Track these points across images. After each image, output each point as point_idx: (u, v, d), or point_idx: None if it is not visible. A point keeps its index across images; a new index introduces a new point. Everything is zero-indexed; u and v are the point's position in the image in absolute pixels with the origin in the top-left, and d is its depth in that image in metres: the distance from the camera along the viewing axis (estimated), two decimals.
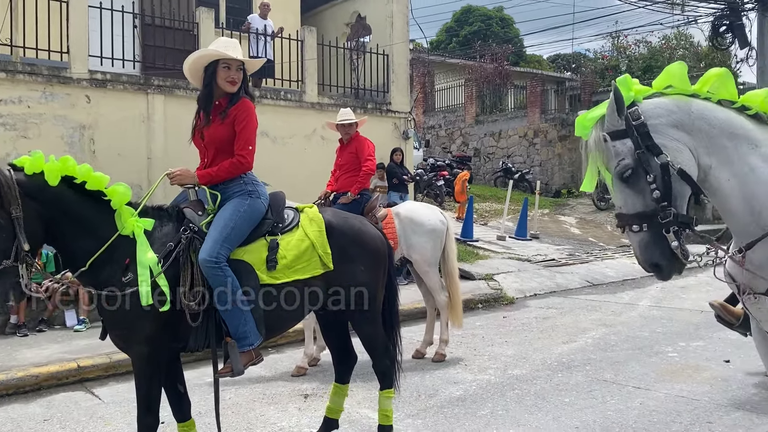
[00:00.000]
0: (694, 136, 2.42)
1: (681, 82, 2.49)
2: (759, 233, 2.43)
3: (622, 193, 2.41)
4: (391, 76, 11.43)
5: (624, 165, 2.37)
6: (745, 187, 2.44)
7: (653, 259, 2.37)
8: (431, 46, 42.00)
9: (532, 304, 8.75)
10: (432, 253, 5.81)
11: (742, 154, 2.44)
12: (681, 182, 2.37)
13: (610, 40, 23.51)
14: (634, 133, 2.37)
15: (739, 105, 2.52)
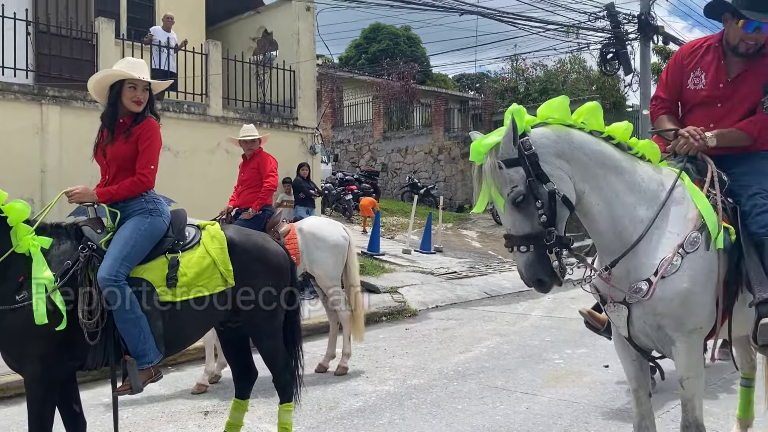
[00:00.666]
0: (573, 165, 2.69)
1: (561, 114, 2.75)
2: (621, 250, 2.75)
3: (513, 217, 2.62)
4: (298, 91, 11.55)
5: (517, 192, 2.57)
6: (611, 210, 2.75)
7: (537, 276, 2.60)
8: (340, 62, 42.46)
9: (434, 315, 9.06)
10: (334, 268, 5.96)
11: (610, 182, 2.75)
12: (563, 207, 2.63)
13: (510, 63, 24.59)
14: (526, 162, 2.57)
15: (606, 135, 2.83)
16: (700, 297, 2.72)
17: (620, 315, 2.85)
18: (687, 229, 2.74)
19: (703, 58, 3.20)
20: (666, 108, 3.33)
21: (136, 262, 3.39)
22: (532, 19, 16.05)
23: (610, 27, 15.27)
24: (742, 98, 3.09)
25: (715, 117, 3.13)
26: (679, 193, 2.83)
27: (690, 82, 3.22)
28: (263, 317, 3.77)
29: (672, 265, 2.68)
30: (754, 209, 2.89)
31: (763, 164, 3.09)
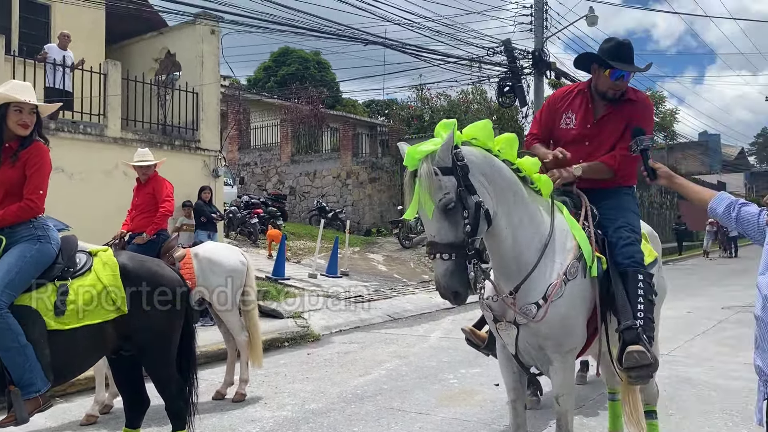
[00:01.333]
0: (492, 186, 2.89)
1: (485, 137, 2.95)
2: (517, 274, 2.98)
3: (440, 224, 2.72)
4: (201, 114, 11.43)
5: (448, 198, 2.68)
6: (516, 236, 2.98)
7: (455, 287, 2.71)
8: (249, 84, 42.12)
9: (337, 339, 9.14)
10: (231, 294, 5.94)
11: (518, 210, 2.99)
12: (484, 221, 2.79)
13: (416, 92, 25.33)
14: (458, 172, 2.70)
15: (516, 167, 3.08)
16: (577, 320, 3.02)
17: (510, 333, 3.08)
18: (568, 258, 3.03)
19: (573, 101, 3.59)
20: (539, 140, 3.70)
21: (21, 290, 3.31)
22: (435, 52, 16.67)
23: (506, 62, 16.10)
24: (607, 137, 3.48)
25: (584, 153, 3.51)
26: (561, 225, 3.13)
27: (562, 122, 3.59)
28: (157, 345, 3.74)
29: (558, 291, 2.94)
30: (620, 241, 3.25)
31: (627, 200, 3.50)
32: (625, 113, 3.45)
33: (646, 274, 3.21)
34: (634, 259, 3.21)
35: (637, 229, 3.39)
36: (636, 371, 3.02)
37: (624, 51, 3.41)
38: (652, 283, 3.23)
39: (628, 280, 3.15)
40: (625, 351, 3.02)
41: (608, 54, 3.40)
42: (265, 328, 9.24)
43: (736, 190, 43.65)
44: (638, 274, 3.17)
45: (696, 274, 18.77)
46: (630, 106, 3.48)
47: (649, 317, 3.13)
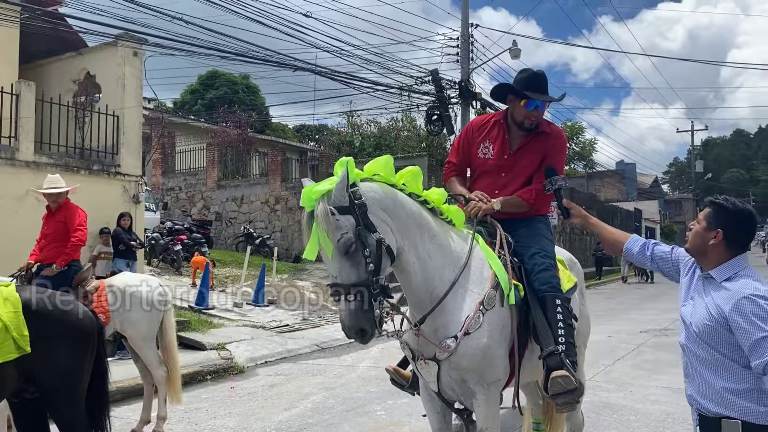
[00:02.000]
0: (395, 221, 2.85)
1: (386, 173, 2.93)
2: (430, 306, 2.94)
3: (341, 264, 2.67)
4: (121, 137, 11.01)
5: (347, 238, 2.64)
6: (425, 269, 2.95)
7: (360, 325, 2.66)
8: (175, 107, 41.18)
9: (262, 372, 8.87)
10: (148, 327, 5.66)
11: (425, 242, 2.96)
12: (387, 258, 2.76)
13: (346, 118, 25.43)
14: (356, 211, 2.67)
15: (423, 199, 3.06)
16: (498, 351, 2.99)
17: (430, 371, 3.03)
18: (485, 288, 3.02)
19: (491, 131, 3.61)
20: (456, 171, 3.70)
21: None
22: (365, 80, 16.79)
23: (434, 91, 16.41)
24: (522, 169, 3.53)
25: (499, 184, 3.54)
26: (476, 254, 3.12)
27: (480, 152, 3.61)
28: (64, 387, 3.49)
29: (474, 322, 2.91)
30: (536, 267, 3.27)
31: (540, 227, 3.54)
32: (540, 145, 3.52)
33: (563, 298, 3.23)
34: (551, 285, 3.22)
35: (551, 255, 3.42)
36: (562, 397, 3.02)
37: (538, 81, 3.47)
38: (570, 308, 3.26)
39: (547, 306, 3.17)
40: (549, 377, 3.03)
41: (523, 84, 3.46)
42: (186, 360, 8.88)
43: (651, 217, 45.88)
44: (556, 299, 3.19)
45: (615, 298, 19.46)
46: (544, 139, 3.54)
47: (570, 342, 3.15)
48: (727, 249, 2.47)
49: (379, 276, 2.71)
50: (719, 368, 2.39)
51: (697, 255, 2.56)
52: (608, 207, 37.50)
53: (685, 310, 2.58)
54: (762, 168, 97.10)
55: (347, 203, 2.68)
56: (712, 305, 2.42)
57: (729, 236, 2.46)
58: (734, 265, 2.46)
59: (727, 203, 2.51)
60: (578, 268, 4.08)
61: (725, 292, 2.39)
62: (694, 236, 2.55)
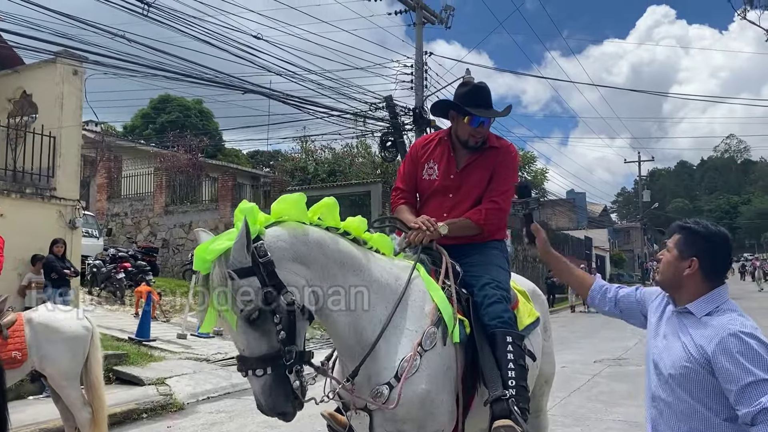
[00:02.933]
0: (311, 267, 2.49)
1: (297, 212, 2.55)
2: (362, 354, 2.59)
3: (246, 336, 2.30)
4: (57, 159, 10.43)
5: (252, 307, 2.25)
6: (351, 311, 2.59)
7: (278, 407, 2.30)
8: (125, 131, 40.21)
9: (203, 408, 8.34)
10: (71, 365, 5.16)
11: (350, 280, 2.60)
12: (303, 319, 2.39)
13: (300, 143, 25.12)
14: (261, 271, 2.28)
15: (342, 231, 2.71)
16: (440, 396, 2.64)
17: (362, 423, 2.68)
18: (425, 325, 2.67)
19: (434, 150, 3.31)
20: (405, 198, 3.37)
21: None
22: (319, 104, 16.55)
23: (389, 117, 16.27)
24: (471, 188, 3.20)
25: (447, 206, 3.22)
26: (416, 286, 2.79)
27: (425, 173, 3.30)
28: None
29: (412, 366, 2.57)
30: (486, 300, 2.91)
31: (493, 255, 3.19)
32: (489, 161, 3.21)
33: (516, 336, 2.86)
34: (502, 320, 2.85)
35: (505, 285, 3.08)
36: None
37: (481, 96, 3.16)
38: (523, 347, 2.92)
39: (496, 344, 2.81)
40: (492, 427, 2.65)
41: (465, 100, 3.16)
42: (121, 397, 8.30)
43: (601, 245, 46.70)
44: (507, 336, 2.81)
45: (567, 326, 19.45)
46: (494, 154, 3.24)
47: (521, 386, 2.78)
48: (705, 279, 2.20)
49: (294, 343, 2.34)
50: (696, 421, 2.10)
51: (670, 288, 2.29)
52: (560, 235, 37.94)
53: (654, 351, 2.29)
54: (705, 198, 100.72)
55: (250, 263, 2.28)
56: (691, 344, 2.14)
57: (705, 264, 2.19)
58: (715, 297, 2.19)
59: (699, 227, 2.24)
60: (542, 300, 3.78)
61: (707, 328, 2.12)
62: (665, 267, 2.28)
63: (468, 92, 3.18)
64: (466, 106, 3.13)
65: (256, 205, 2.44)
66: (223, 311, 2.29)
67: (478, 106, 3.12)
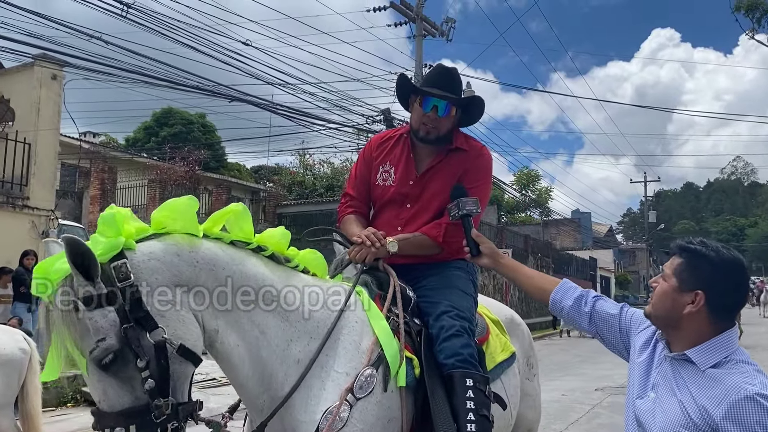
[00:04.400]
0: (200, 295, 1.94)
1: (187, 221, 1.99)
2: (271, 406, 2.04)
3: (102, 384, 1.77)
4: (32, 167, 9.99)
5: (104, 347, 1.74)
6: (255, 352, 2.03)
7: None
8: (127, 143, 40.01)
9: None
10: (4, 391, 4.60)
11: (254, 313, 2.04)
12: (183, 362, 1.84)
13: (298, 157, 24.74)
14: (121, 300, 1.77)
15: (255, 246, 2.15)
16: None
17: None
18: (359, 365, 2.12)
19: (392, 150, 2.73)
20: (354, 207, 2.79)
21: None
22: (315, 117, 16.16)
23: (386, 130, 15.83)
24: (431, 197, 2.62)
25: (404, 218, 2.65)
26: (352, 316, 2.23)
27: (379, 177, 2.72)
28: None
29: (337, 420, 2.02)
30: (442, 332, 2.33)
31: (455, 276, 2.60)
32: (455, 166, 2.64)
33: (478, 378, 2.28)
34: (460, 357, 2.27)
35: (467, 314, 2.47)
36: None
37: (445, 77, 2.60)
38: (488, 391, 2.32)
39: (454, 388, 2.22)
40: None
41: (425, 80, 2.64)
42: (87, 420, 7.74)
43: (606, 266, 45.97)
44: (467, 378, 2.24)
45: (570, 350, 18.80)
46: (462, 157, 2.66)
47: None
48: (711, 319, 1.67)
49: (167, 395, 1.79)
50: None
51: (664, 327, 1.76)
52: (564, 255, 37.28)
53: (642, 407, 1.75)
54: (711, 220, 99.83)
55: (104, 289, 1.75)
56: (691, 405, 1.61)
57: (713, 300, 1.66)
58: (724, 343, 1.66)
59: (707, 250, 1.70)
60: (523, 330, 3.15)
61: (714, 386, 1.59)
62: (660, 299, 1.74)
63: (431, 74, 2.66)
64: (426, 85, 2.58)
65: (128, 210, 1.90)
66: (70, 349, 1.76)
67: (438, 86, 2.56)
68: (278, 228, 2.25)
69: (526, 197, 41.31)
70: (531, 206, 41.83)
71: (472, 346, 2.35)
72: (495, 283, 25.55)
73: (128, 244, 1.84)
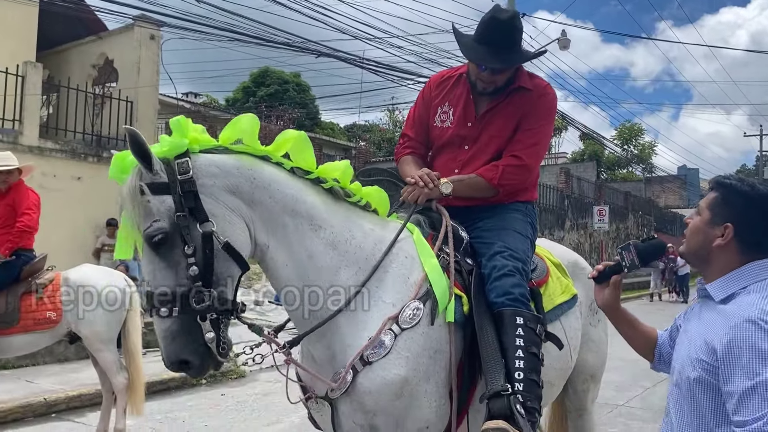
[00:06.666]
0: (254, 208, 2.05)
1: (251, 140, 2.10)
2: (312, 323, 2.12)
3: (152, 265, 1.94)
4: (134, 124, 10.55)
5: (157, 227, 1.90)
6: (302, 273, 2.12)
7: (180, 355, 1.91)
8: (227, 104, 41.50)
9: (263, 377, 8.17)
10: (107, 328, 5.01)
11: (302, 237, 2.11)
12: (228, 260, 1.96)
13: (388, 113, 24.73)
14: (178, 191, 1.92)
15: (314, 176, 2.21)
16: (423, 386, 2.11)
17: (324, 414, 2.21)
18: (406, 298, 2.15)
19: (452, 90, 2.65)
20: (411, 147, 2.76)
21: None
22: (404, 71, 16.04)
23: None
24: (490, 139, 2.55)
25: (461, 161, 2.59)
26: (403, 252, 2.25)
27: (437, 119, 2.66)
28: None
29: (380, 346, 2.07)
30: (494, 272, 2.31)
31: (512, 218, 2.54)
32: (516, 106, 2.54)
33: (529, 316, 2.25)
34: (511, 296, 2.25)
35: (522, 255, 2.42)
36: None
37: (498, 31, 2.42)
38: (539, 330, 2.28)
39: (503, 326, 2.21)
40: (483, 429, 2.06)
41: (477, 33, 2.48)
42: None
43: None
44: (517, 316, 2.22)
45: (654, 313, 18.07)
46: (525, 97, 2.55)
47: (532, 379, 2.16)
48: (739, 252, 1.62)
49: (209, 285, 1.91)
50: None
51: (696, 261, 1.73)
52: (667, 213, 35.51)
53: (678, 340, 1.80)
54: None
55: (165, 179, 1.92)
56: (697, 340, 1.59)
57: (743, 234, 1.61)
58: (744, 274, 1.60)
59: (743, 185, 1.65)
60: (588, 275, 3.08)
61: (720, 318, 1.55)
62: (693, 234, 1.70)
63: (483, 23, 2.48)
64: (476, 41, 2.46)
65: (201, 126, 2.05)
66: (132, 230, 1.94)
67: (488, 43, 2.43)
68: (343, 161, 2.30)
69: (628, 152, 39.44)
70: (633, 162, 39.90)
71: (523, 286, 2.31)
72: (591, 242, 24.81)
73: (193, 149, 2.00)
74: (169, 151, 1.97)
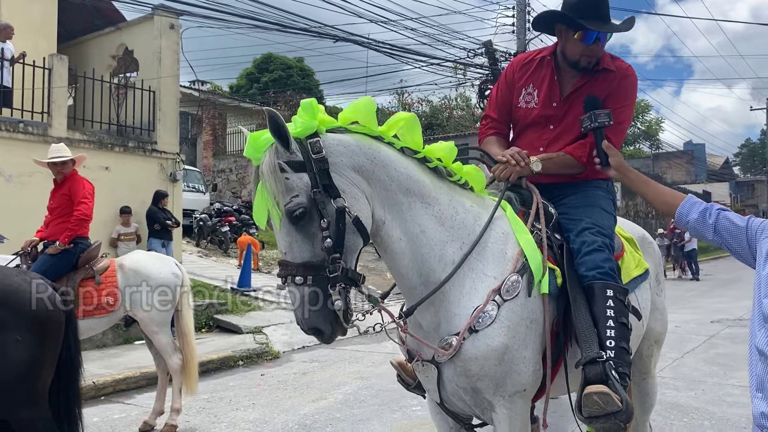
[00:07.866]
0: (373, 185, 2.20)
1: (368, 120, 2.25)
2: (425, 293, 2.28)
3: (290, 237, 2.08)
4: (158, 114, 10.68)
5: (297, 202, 2.04)
6: (415, 246, 2.27)
7: (313, 322, 2.07)
8: (231, 90, 41.44)
9: (297, 357, 8.40)
10: (160, 311, 5.19)
11: (416, 213, 2.27)
12: (355, 233, 2.12)
13: (396, 96, 24.76)
14: (313, 168, 2.07)
15: (421, 156, 2.35)
16: (522, 353, 2.27)
17: (429, 376, 2.37)
18: (505, 271, 2.30)
19: (536, 72, 2.80)
20: (495, 128, 2.91)
21: None
22: (416, 52, 16.06)
23: (488, 64, 15.53)
24: (575, 119, 2.68)
25: (546, 139, 2.75)
26: (498, 228, 2.40)
27: (521, 100, 2.81)
28: (13, 381, 2.98)
29: (485, 316, 2.23)
30: (583, 247, 2.48)
31: (596, 195, 2.71)
32: (601, 87, 2.69)
33: (618, 289, 2.44)
34: (602, 270, 2.43)
35: (608, 231, 2.60)
36: (600, 421, 2.25)
37: (598, 5, 2.63)
38: (627, 302, 2.47)
39: (594, 298, 2.39)
40: (583, 394, 2.26)
41: (578, 11, 2.62)
42: (219, 345, 8.52)
43: (721, 200, 43.42)
44: (607, 289, 2.40)
45: (680, 285, 18.23)
46: (608, 78, 2.71)
47: (622, 347, 2.35)
48: None
49: (340, 256, 2.07)
50: None
51: None
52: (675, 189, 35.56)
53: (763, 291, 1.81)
54: None
55: (301, 158, 2.08)
56: None
57: None
58: None
59: None
60: (654, 249, 3.26)
61: None
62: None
63: (581, 1, 2.62)
64: (578, 18, 2.60)
65: (315, 101, 2.19)
66: (269, 205, 2.09)
67: (592, 17, 2.59)
68: (448, 142, 2.45)
69: (635, 129, 39.40)
70: (640, 138, 39.87)
71: (612, 260, 2.50)
72: None
73: (320, 129, 2.15)
74: (302, 131, 2.11)
